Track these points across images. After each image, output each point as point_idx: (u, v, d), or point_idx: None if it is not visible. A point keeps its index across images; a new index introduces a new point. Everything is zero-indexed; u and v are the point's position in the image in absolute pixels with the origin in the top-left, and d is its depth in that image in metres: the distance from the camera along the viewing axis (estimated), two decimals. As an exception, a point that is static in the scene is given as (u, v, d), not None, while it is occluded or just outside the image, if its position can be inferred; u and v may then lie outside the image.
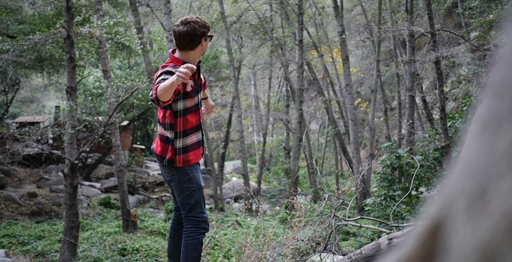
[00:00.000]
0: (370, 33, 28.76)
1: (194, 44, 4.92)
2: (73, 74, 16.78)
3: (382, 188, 18.54)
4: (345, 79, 24.04)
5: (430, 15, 15.67)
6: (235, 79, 29.00)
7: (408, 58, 21.45)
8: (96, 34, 16.93)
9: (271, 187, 38.24)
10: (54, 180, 28.76)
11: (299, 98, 24.91)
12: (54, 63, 24.50)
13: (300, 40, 24.17)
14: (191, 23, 4.86)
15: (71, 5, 16.52)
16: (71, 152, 16.71)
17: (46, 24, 23.03)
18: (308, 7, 30.73)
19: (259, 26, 32.38)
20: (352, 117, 23.85)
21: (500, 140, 0.70)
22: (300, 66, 24.52)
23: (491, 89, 0.74)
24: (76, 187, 16.96)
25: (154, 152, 5.31)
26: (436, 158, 18.76)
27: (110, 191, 30.21)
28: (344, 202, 8.57)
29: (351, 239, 17.91)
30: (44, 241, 20.31)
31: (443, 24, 30.06)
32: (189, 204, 5.23)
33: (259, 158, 35.57)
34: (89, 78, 33.19)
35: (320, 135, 43.21)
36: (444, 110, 15.55)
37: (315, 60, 35.17)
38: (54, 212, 25.00)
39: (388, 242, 6.29)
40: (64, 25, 16.37)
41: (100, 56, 21.04)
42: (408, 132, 22.56)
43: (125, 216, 20.70)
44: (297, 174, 25.65)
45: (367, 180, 23.35)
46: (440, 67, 15.88)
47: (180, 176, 5.20)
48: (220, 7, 27.99)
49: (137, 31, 24.45)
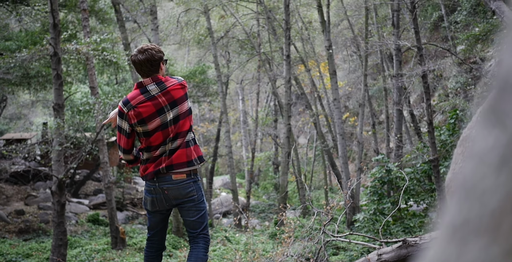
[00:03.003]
0: (357, 47, 28.88)
1: (155, 69, 5.25)
2: (60, 91, 16.70)
3: (372, 202, 18.54)
4: (333, 93, 24.08)
5: (416, 29, 15.74)
6: (223, 94, 29.02)
7: (395, 72, 21.54)
8: (83, 50, 16.90)
9: (260, 202, 38.17)
10: (42, 197, 28.54)
11: (287, 113, 24.93)
12: (41, 80, 24.42)
13: (287, 55, 24.23)
14: (148, 50, 5.19)
15: (58, 22, 16.48)
16: (59, 169, 16.60)
17: (33, 41, 22.98)
18: (295, 22, 30.84)
19: (247, 41, 32.47)
20: (340, 131, 23.88)
21: (469, 248, 0.68)
22: (287, 81, 24.55)
23: (459, 190, 0.73)
24: (64, 204, 16.83)
25: (174, 165, 5.29)
26: (425, 171, 18.81)
27: (98, 208, 30.00)
28: (334, 217, 8.56)
29: (341, 254, 17.85)
30: (32, 259, 20.11)
31: (430, 38, 30.25)
32: (204, 223, 5.46)
33: (248, 172, 35.51)
34: (76, 94, 33.09)
35: (308, 149, 43.24)
36: (432, 123, 15.58)
37: (303, 74, 35.26)
38: (42, 229, 24.79)
39: (377, 258, 6.28)
40: (51, 42, 16.32)
41: (87, 72, 21.00)
42: (396, 146, 22.60)
43: (114, 233, 20.56)
44: (286, 189, 25.60)
45: (356, 194, 23.34)
46: (427, 81, 15.93)
47: (199, 196, 5.39)
48: (207, 23, 28.06)
49: (124, 47, 24.40)
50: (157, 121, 5.19)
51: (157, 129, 5.22)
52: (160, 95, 5.20)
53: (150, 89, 5.21)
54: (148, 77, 5.26)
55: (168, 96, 5.22)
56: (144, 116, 5.18)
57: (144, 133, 5.26)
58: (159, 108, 5.19)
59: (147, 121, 5.19)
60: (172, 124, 5.23)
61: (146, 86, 5.23)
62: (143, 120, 5.18)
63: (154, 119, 5.19)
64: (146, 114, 5.18)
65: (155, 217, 5.58)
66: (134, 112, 5.17)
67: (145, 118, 5.18)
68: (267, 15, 28.85)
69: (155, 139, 5.24)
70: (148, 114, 5.18)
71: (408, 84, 21.38)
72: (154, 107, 5.18)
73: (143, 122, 5.19)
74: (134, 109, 5.18)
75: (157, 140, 5.24)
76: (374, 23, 26.64)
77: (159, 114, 5.19)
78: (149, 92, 5.20)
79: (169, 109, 5.21)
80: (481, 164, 0.71)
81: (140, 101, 5.19)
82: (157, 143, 5.25)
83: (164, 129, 5.22)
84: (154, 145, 5.27)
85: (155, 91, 5.20)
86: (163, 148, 5.27)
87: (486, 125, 0.73)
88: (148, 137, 5.26)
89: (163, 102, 5.20)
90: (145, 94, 5.20)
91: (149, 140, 5.26)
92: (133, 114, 5.18)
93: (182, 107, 5.28)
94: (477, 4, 21.20)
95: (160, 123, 5.20)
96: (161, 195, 5.33)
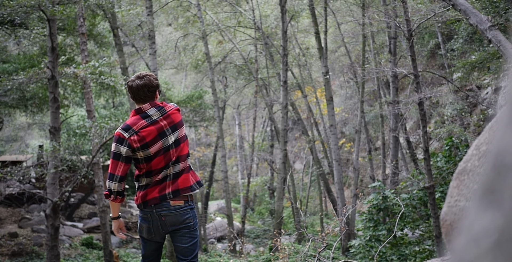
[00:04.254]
0: (354, 74, 28.99)
1: (151, 95, 5.28)
2: (56, 114, 16.71)
3: (368, 228, 18.48)
4: (329, 119, 24.11)
5: (413, 57, 15.82)
6: (220, 119, 29.04)
7: (392, 98, 21.60)
8: (80, 74, 16.93)
9: (256, 227, 38.01)
10: (36, 220, 28.38)
11: (283, 139, 24.92)
12: (38, 102, 24.43)
13: (284, 81, 24.30)
14: (146, 76, 5.26)
15: (56, 46, 16.55)
16: (53, 192, 16.54)
17: (31, 64, 23.04)
18: (292, 48, 31.00)
19: (244, 66, 32.60)
20: (337, 158, 23.86)
21: None
22: (284, 106, 24.60)
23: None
24: (57, 228, 16.75)
25: (180, 189, 5.31)
26: (420, 198, 18.77)
27: (92, 231, 29.83)
28: (329, 243, 8.51)
29: (336, 281, 17.73)
30: (24, 283, 19.96)
31: (426, 65, 30.41)
32: (195, 250, 5.43)
33: (244, 197, 35.40)
34: (73, 117, 33.10)
35: (304, 174, 43.17)
36: (428, 151, 15.59)
37: (299, 100, 35.36)
38: (35, 252, 24.61)
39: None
40: (49, 65, 16.38)
41: (84, 96, 21.03)
42: (392, 172, 22.59)
43: (107, 257, 20.42)
44: (282, 214, 25.51)
45: (351, 220, 23.26)
46: (424, 109, 15.97)
47: (195, 223, 5.38)
48: (205, 48, 28.16)
49: (122, 71, 24.47)
50: (159, 144, 5.20)
51: (158, 152, 5.21)
52: (161, 119, 5.23)
53: (151, 114, 5.23)
54: (144, 103, 5.29)
55: (169, 120, 5.26)
56: (147, 140, 5.17)
57: (146, 158, 5.23)
58: (161, 131, 5.21)
59: (150, 145, 5.18)
60: (174, 147, 5.26)
61: (146, 112, 5.25)
62: (146, 144, 5.17)
63: (156, 143, 5.20)
64: (149, 138, 5.18)
65: (150, 245, 5.53)
66: (138, 136, 5.16)
67: (148, 142, 5.18)
68: (265, 41, 29.00)
69: (156, 163, 5.22)
70: (151, 138, 5.18)
71: (405, 111, 21.45)
72: (156, 131, 5.20)
73: (146, 146, 5.18)
74: (137, 134, 5.17)
75: (159, 164, 5.23)
76: (371, 50, 26.79)
77: (161, 138, 5.21)
78: (151, 116, 5.23)
79: (170, 133, 5.25)
80: (476, 245, 0.71)
81: (142, 125, 5.20)
82: (159, 167, 5.23)
83: (166, 153, 5.23)
84: (156, 169, 5.24)
85: (157, 115, 5.23)
86: (165, 172, 5.25)
87: (482, 204, 0.73)
88: (149, 162, 5.23)
89: (165, 126, 5.23)
90: (146, 119, 5.22)
91: (150, 165, 5.24)
92: (136, 139, 5.16)
93: (182, 131, 5.33)
94: (473, 32, 21.33)
95: (162, 146, 5.21)
96: (158, 221, 5.28)
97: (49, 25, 16.58)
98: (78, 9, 18.68)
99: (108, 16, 24.02)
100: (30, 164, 28.09)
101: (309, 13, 25.55)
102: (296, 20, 30.99)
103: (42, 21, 20.94)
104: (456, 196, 1.71)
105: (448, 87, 21.60)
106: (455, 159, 18.44)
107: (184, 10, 31.03)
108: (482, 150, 1.74)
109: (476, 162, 1.74)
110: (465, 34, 22.58)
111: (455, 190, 1.74)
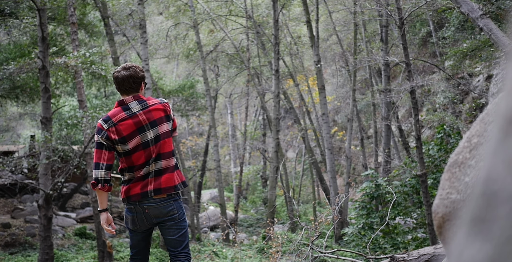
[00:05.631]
0: (345, 62, 28.98)
1: (136, 86, 5.27)
2: (48, 105, 16.66)
3: (361, 216, 18.56)
4: (321, 108, 24.13)
5: (405, 45, 15.82)
6: (212, 108, 29.01)
7: (384, 87, 21.63)
8: (71, 64, 16.86)
9: (249, 216, 38.07)
10: (29, 211, 28.33)
11: (275, 127, 24.94)
12: (29, 92, 24.33)
13: (276, 70, 24.29)
14: (132, 67, 5.25)
15: (47, 36, 16.47)
16: (46, 183, 16.52)
17: (21, 53, 22.92)
18: (284, 37, 30.93)
19: (236, 55, 32.53)
20: (329, 146, 23.90)
21: None
22: (276, 95, 24.59)
23: None
24: (50, 218, 16.74)
25: (162, 188, 5.27)
26: (413, 185, 18.85)
27: (85, 221, 29.81)
28: (322, 231, 8.53)
29: (329, 269, 17.81)
30: (17, 274, 19.96)
31: (418, 53, 30.41)
32: (185, 241, 5.45)
33: (237, 186, 35.45)
34: (64, 107, 33.00)
35: (297, 163, 43.22)
36: (420, 139, 15.63)
37: (291, 89, 35.34)
38: (29, 243, 24.60)
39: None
40: (39, 55, 16.31)
41: (75, 85, 20.95)
42: (385, 161, 22.65)
43: (101, 247, 20.41)
44: (275, 203, 25.56)
45: (344, 209, 23.33)
46: (415, 97, 16.00)
47: (180, 215, 5.36)
48: (196, 37, 28.08)
49: (113, 60, 24.38)
50: (137, 139, 5.17)
51: (137, 147, 5.19)
52: (141, 113, 5.21)
53: (131, 107, 5.22)
54: (128, 95, 5.28)
55: (148, 115, 5.22)
56: (124, 134, 5.16)
57: (125, 152, 5.22)
58: (140, 126, 5.19)
59: (127, 139, 5.17)
60: (153, 143, 5.22)
61: (128, 104, 5.24)
62: (124, 138, 5.16)
63: (134, 137, 5.17)
64: (126, 132, 5.17)
65: (137, 236, 5.55)
66: (115, 129, 5.16)
67: (126, 136, 5.16)
68: (257, 29, 28.94)
69: (137, 158, 5.21)
70: (129, 132, 5.17)
71: (397, 99, 21.47)
72: (134, 125, 5.18)
73: (123, 140, 5.17)
74: (115, 126, 5.17)
75: (139, 159, 5.21)
76: (363, 38, 26.76)
77: (139, 132, 5.19)
78: (131, 109, 5.21)
79: (149, 128, 5.21)
80: None
81: (121, 118, 5.19)
82: (139, 162, 5.21)
83: (146, 148, 5.20)
84: (137, 165, 5.22)
85: (137, 108, 5.21)
86: (147, 169, 5.22)
87: (471, 233, 0.71)
88: (129, 156, 5.22)
89: (144, 121, 5.20)
90: (126, 112, 5.21)
91: (130, 160, 5.23)
92: (114, 130, 5.16)
93: (162, 127, 5.26)
94: (465, 20, 21.33)
95: (140, 141, 5.18)
96: (141, 213, 5.30)
97: (39, 14, 16.49)
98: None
99: (99, 6, 23.89)
100: (22, 154, 28.02)
101: (301, 1, 25.52)
102: (287, 8, 30.89)
103: (32, 10, 20.80)
104: (447, 188, 1.71)
105: (440, 75, 21.66)
106: (447, 147, 18.50)
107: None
108: (473, 142, 1.74)
109: (467, 154, 1.74)
110: (456, 22, 22.58)
111: (446, 182, 1.74)
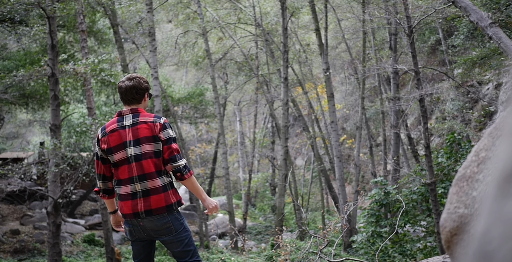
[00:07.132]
0: (354, 70, 28.97)
1: (139, 97, 5.28)
2: (57, 112, 16.71)
3: (370, 224, 18.48)
4: (330, 116, 24.11)
5: (414, 53, 15.79)
6: (221, 116, 29.02)
7: (393, 95, 21.59)
8: (80, 71, 16.92)
9: (257, 224, 38.01)
10: (38, 217, 28.39)
11: (284, 135, 24.91)
12: (39, 99, 24.43)
13: (285, 78, 24.29)
14: (136, 78, 5.28)
15: (56, 43, 16.54)
16: (55, 190, 16.55)
17: (31, 60, 23.03)
18: (293, 44, 30.96)
19: (245, 63, 32.58)
20: (338, 154, 23.86)
21: None
22: (285, 103, 24.58)
23: None
24: (59, 225, 16.77)
25: (153, 209, 5.17)
26: (422, 193, 18.76)
27: (94, 228, 29.86)
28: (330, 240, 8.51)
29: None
30: (26, 281, 19.98)
31: (427, 61, 30.38)
32: (191, 250, 5.37)
33: (245, 194, 35.42)
34: (74, 114, 33.11)
35: (305, 171, 43.16)
36: (429, 147, 15.57)
37: (300, 96, 35.34)
38: (37, 249, 24.64)
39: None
40: (49, 63, 16.38)
41: (85, 93, 21.02)
42: (394, 169, 22.58)
43: (109, 254, 20.42)
44: (283, 211, 25.51)
45: (353, 217, 23.27)
46: (425, 105, 15.95)
47: (176, 226, 5.25)
48: (205, 45, 28.13)
49: (122, 68, 24.47)
50: (122, 153, 5.14)
51: (123, 161, 5.15)
52: (130, 128, 5.16)
53: (125, 119, 5.21)
54: (129, 106, 5.29)
55: (134, 132, 5.15)
56: (111, 145, 5.15)
57: (113, 164, 5.23)
58: (125, 141, 5.14)
59: (114, 150, 5.15)
60: (133, 161, 5.13)
61: (124, 116, 5.24)
62: (111, 149, 5.16)
63: (119, 151, 5.15)
64: (113, 144, 5.16)
65: (136, 245, 5.51)
66: (106, 138, 5.18)
67: (113, 148, 5.16)
68: (265, 37, 28.97)
69: (121, 172, 5.17)
70: (116, 144, 5.16)
71: (406, 107, 21.43)
72: (121, 139, 5.15)
73: (110, 151, 5.17)
74: (107, 136, 5.18)
75: (123, 174, 5.16)
76: (372, 46, 26.75)
77: (124, 147, 5.15)
78: (123, 122, 5.20)
79: (131, 145, 5.13)
80: None
81: (112, 129, 5.20)
82: (123, 177, 5.16)
83: (129, 164, 5.13)
84: (123, 179, 5.18)
85: (129, 122, 5.18)
86: (133, 187, 5.14)
87: None
88: (117, 169, 5.21)
89: (129, 137, 5.15)
90: (119, 123, 5.20)
91: (117, 172, 5.21)
92: (105, 140, 5.19)
93: (144, 147, 5.12)
94: (474, 28, 21.29)
95: (125, 156, 5.13)
96: (138, 226, 5.27)
97: (49, 22, 16.57)
98: (78, 6, 18.64)
99: (108, 13, 23.99)
100: (32, 161, 28.10)
101: (310, 9, 25.53)
102: (296, 16, 30.95)
103: (42, 18, 20.93)
104: (455, 202, 1.70)
105: (449, 83, 21.59)
106: (456, 155, 18.42)
107: (184, 7, 31.00)
108: (481, 156, 1.73)
109: (475, 169, 1.73)
110: (466, 30, 22.54)
111: (454, 196, 1.73)
